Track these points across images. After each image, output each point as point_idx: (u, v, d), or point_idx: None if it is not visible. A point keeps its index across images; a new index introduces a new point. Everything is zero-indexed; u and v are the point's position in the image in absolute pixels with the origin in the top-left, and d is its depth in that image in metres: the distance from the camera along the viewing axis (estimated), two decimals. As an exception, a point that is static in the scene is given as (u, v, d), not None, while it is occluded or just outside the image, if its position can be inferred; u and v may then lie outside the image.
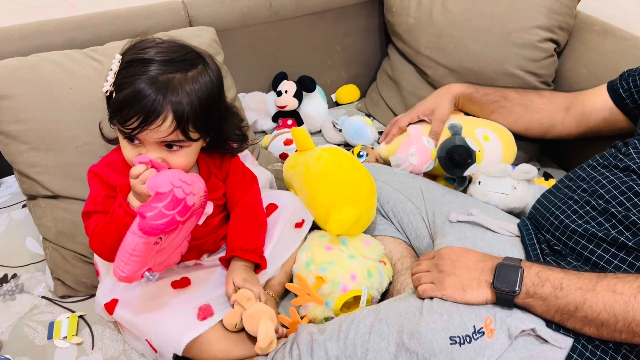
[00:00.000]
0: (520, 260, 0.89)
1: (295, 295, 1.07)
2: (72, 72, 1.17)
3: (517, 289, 0.84)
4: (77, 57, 1.21)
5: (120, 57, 0.88)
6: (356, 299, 1.06)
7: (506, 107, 1.36)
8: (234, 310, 0.97)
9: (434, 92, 1.43)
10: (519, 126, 1.39)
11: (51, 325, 1.05)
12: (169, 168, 0.89)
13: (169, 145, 0.89)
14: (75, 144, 1.13)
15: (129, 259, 0.84)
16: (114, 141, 1.00)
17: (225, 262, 1.07)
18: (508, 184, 1.21)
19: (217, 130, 0.96)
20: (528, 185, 1.21)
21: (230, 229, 1.06)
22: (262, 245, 1.06)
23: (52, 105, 1.13)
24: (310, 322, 1.05)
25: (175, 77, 0.85)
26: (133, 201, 0.88)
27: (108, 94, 0.87)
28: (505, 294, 0.85)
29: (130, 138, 0.88)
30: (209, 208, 1.01)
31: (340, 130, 1.64)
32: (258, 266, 1.06)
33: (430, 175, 1.36)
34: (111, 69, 0.87)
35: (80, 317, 1.08)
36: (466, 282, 0.89)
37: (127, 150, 0.90)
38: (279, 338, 0.98)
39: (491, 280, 0.87)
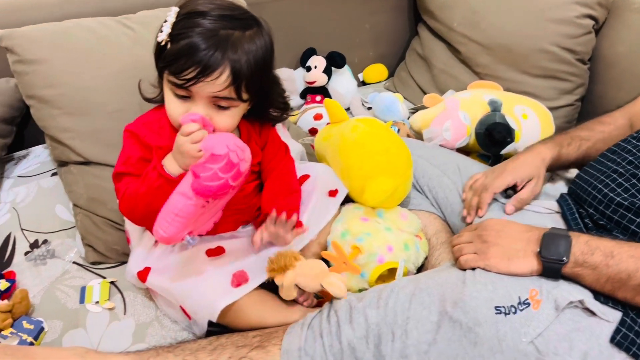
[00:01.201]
0: (568, 230, 0.86)
1: (329, 266, 1.05)
2: (105, 39, 1.16)
3: (565, 257, 0.81)
4: (110, 24, 1.20)
5: (178, 9, 0.86)
6: (391, 272, 1.04)
7: (591, 147, 1.14)
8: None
9: (523, 156, 1.11)
10: None
11: (83, 290, 1.04)
12: (214, 130, 0.87)
13: (217, 104, 0.87)
14: (107, 110, 1.13)
15: (173, 219, 0.82)
16: (152, 100, 0.98)
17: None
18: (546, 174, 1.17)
19: (264, 95, 0.94)
20: (566, 183, 1.17)
21: (264, 196, 1.04)
22: (296, 209, 1.04)
23: (84, 71, 1.13)
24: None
25: (235, 33, 0.84)
26: (169, 164, 0.86)
27: (163, 43, 0.84)
28: (553, 263, 0.82)
29: (178, 95, 0.86)
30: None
31: (369, 109, 1.61)
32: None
33: (462, 151, 1.33)
34: (166, 21, 0.84)
35: (112, 283, 1.06)
36: (511, 252, 0.87)
37: (174, 105, 0.88)
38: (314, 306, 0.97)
39: (537, 250, 0.84)
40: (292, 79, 1.64)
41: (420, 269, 1.10)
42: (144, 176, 0.88)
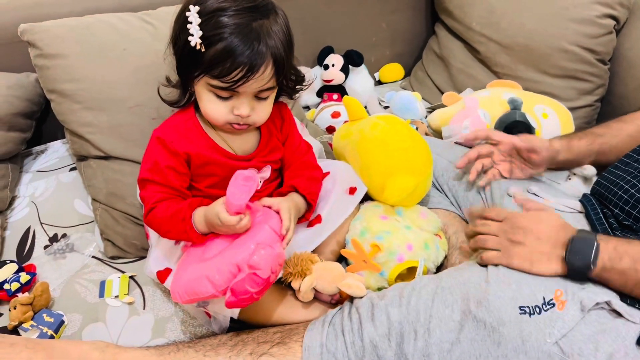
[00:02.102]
0: (597, 234, 0.85)
1: (348, 264, 1.05)
2: (125, 34, 1.16)
3: (592, 265, 0.80)
4: (130, 19, 1.20)
5: (198, 8, 0.83)
6: (410, 271, 1.03)
7: (604, 142, 1.14)
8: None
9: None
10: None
11: (102, 284, 1.04)
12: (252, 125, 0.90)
13: (258, 96, 0.89)
14: (127, 105, 1.13)
15: (194, 298, 0.85)
16: (176, 105, 0.97)
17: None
18: (563, 173, 1.16)
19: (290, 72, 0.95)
20: (583, 182, 1.16)
21: (286, 175, 1.05)
22: (317, 192, 1.04)
23: (105, 66, 1.13)
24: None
25: (264, 22, 0.84)
26: (199, 222, 0.88)
27: (198, 46, 0.82)
28: (578, 270, 0.81)
29: (220, 96, 0.87)
30: (267, 172, 1.00)
31: (386, 108, 1.61)
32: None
33: (482, 150, 1.31)
34: (190, 22, 0.82)
35: (131, 277, 1.06)
36: (535, 256, 0.85)
37: (217, 106, 0.88)
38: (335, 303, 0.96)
39: (563, 255, 0.83)
40: (309, 77, 1.63)
41: (439, 268, 1.09)
42: (171, 217, 0.88)
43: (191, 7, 0.83)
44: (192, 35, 0.82)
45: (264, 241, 0.85)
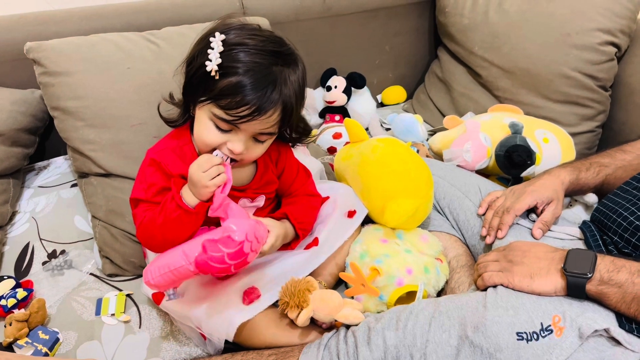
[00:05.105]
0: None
1: (347, 287, 1.04)
2: (129, 53, 1.18)
3: (589, 272, 0.80)
4: (135, 39, 1.22)
5: (223, 36, 0.83)
6: (410, 295, 1.02)
7: (610, 174, 1.14)
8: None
9: (542, 179, 1.10)
10: None
11: (99, 302, 1.03)
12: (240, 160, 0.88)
13: (256, 138, 0.88)
14: (130, 123, 1.13)
15: (166, 274, 0.82)
16: (174, 124, 0.97)
17: None
18: (565, 200, 1.15)
19: (294, 122, 0.94)
20: (584, 209, 1.16)
21: (283, 204, 1.04)
22: (309, 221, 1.03)
23: (109, 84, 1.14)
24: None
25: (284, 70, 0.84)
26: (187, 196, 0.85)
27: (213, 73, 0.82)
28: (577, 277, 0.81)
29: (217, 126, 0.85)
30: (261, 202, 1.00)
31: (387, 130, 1.61)
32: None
33: (482, 173, 1.31)
34: (212, 48, 0.82)
35: (128, 295, 1.06)
36: (534, 270, 0.86)
37: (212, 134, 0.86)
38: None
39: (562, 266, 0.84)
40: (312, 98, 1.65)
41: (440, 293, 1.08)
42: (162, 205, 0.87)
43: (217, 33, 0.82)
44: (210, 60, 0.81)
45: None
